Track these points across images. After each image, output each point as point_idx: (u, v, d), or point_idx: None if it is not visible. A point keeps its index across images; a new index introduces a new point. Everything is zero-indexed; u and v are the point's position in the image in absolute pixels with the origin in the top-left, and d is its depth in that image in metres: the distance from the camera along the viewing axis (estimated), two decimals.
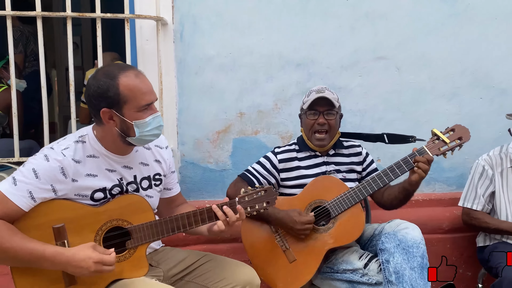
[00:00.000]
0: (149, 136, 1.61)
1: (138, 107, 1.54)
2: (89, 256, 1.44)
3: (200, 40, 2.56)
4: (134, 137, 1.57)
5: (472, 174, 2.42)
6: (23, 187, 1.46)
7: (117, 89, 1.51)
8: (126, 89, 1.52)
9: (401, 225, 1.92)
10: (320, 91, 2.09)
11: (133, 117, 1.55)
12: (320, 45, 2.63)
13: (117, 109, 1.53)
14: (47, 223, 1.50)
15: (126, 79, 1.52)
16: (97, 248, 1.48)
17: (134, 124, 1.55)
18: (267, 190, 1.74)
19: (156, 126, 1.60)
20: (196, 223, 1.68)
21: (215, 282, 1.75)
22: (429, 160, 1.91)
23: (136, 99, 1.53)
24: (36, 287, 1.50)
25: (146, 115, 1.56)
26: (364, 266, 1.92)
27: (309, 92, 2.13)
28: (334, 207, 2.00)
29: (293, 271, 1.96)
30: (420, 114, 2.73)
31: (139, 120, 1.55)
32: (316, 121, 2.08)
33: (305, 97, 2.15)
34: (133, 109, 1.54)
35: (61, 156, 1.53)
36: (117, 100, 1.52)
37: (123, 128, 1.56)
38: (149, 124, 1.57)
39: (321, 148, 2.14)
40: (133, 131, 1.56)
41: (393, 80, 2.70)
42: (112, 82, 1.51)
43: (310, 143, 2.13)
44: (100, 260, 1.45)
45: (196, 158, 2.65)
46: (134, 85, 1.53)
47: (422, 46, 2.69)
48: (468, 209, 2.40)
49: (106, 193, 1.62)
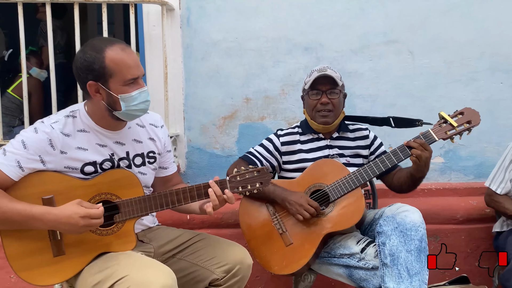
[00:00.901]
0: (135, 111, 1.61)
1: (124, 80, 1.55)
2: (75, 211, 1.47)
3: (206, 25, 2.57)
4: (121, 111, 1.58)
5: (504, 157, 2.31)
6: (11, 157, 1.50)
7: (102, 62, 1.52)
8: (111, 62, 1.53)
9: (401, 208, 1.84)
10: (322, 70, 2.04)
11: (119, 90, 1.55)
12: (328, 28, 2.58)
13: (103, 82, 1.55)
14: (36, 194, 1.53)
15: (112, 53, 1.53)
16: (83, 204, 1.51)
17: (120, 98, 1.56)
18: (260, 170, 1.71)
19: (143, 101, 1.60)
20: (185, 199, 1.67)
21: (206, 260, 1.74)
22: (422, 144, 1.83)
23: (121, 72, 1.54)
24: (25, 255, 1.53)
25: (132, 89, 1.57)
26: (361, 251, 1.86)
27: (311, 72, 2.09)
28: (334, 191, 1.94)
29: (288, 255, 1.91)
30: (434, 100, 2.63)
31: (125, 94, 1.56)
32: (319, 101, 2.03)
33: (306, 77, 2.10)
34: (119, 83, 1.55)
35: (49, 129, 1.55)
36: (103, 73, 1.53)
37: (109, 102, 1.58)
38: (135, 98, 1.58)
39: (326, 129, 2.08)
40: (119, 105, 1.57)
41: (406, 64, 2.62)
42: (98, 55, 1.53)
43: (314, 124, 2.08)
44: (87, 214, 1.47)
45: (202, 143, 2.65)
46: (120, 59, 1.54)
47: (436, 28, 2.58)
48: (491, 190, 2.31)
49: (97, 167, 1.63)
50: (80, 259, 1.58)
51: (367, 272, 1.83)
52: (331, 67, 2.10)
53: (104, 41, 1.58)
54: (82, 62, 1.54)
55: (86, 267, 1.58)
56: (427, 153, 1.82)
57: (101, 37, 1.67)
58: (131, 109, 1.59)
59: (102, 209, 1.52)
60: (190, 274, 1.74)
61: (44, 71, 3.39)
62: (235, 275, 1.72)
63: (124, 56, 1.55)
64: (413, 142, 1.85)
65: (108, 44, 1.55)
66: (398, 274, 1.72)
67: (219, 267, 1.72)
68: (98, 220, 1.50)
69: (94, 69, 1.53)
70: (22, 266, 1.53)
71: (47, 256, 1.54)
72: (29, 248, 1.53)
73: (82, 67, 1.54)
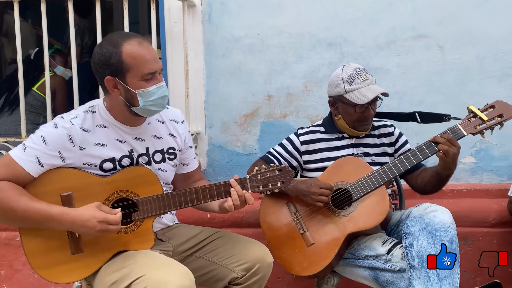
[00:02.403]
0: (153, 106, 1.58)
1: (141, 75, 1.52)
2: (94, 215, 1.45)
3: (228, 21, 2.54)
4: (138, 106, 1.55)
5: None
6: (31, 152, 1.49)
7: (120, 57, 1.50)
8: (128, 56, 1.51)
9: (429, 208, 1.76)
10: (370, 83, 1.92)
11: (137, 85, 1.53)
12: (354, 23, 2.51)
13: (120, 77, 1.52)
14: (55, 191, 1.52)
15: (129, 47, 1.51)
16: (102, 208, 1.49)
17: (137, 93, 1.53)
18: (282, 169, 1.66)
19: (161, 96, 1.57)
20: (204, 198, 1.63)
21: (225, 258, 1.71)
22: (449, 139, 1.73)
23: (139, 67, 1.51)
24: (43, 253, 1.53)
25: (150, 84, 1.54)
26: (387, 252, 1.78)
27: (352, 79, 1.91)
28: (356, 190, 1.87)
29: (310, 255, 1.86)
30: (466, 97, 2.50)
31: (143, 89, 1.53)
32: (364, 114, 1.94)
33: (345, 84, 1.93)
34: (136, 78, 1.52)
35: (69, 124, 1.54)
36: (120, 68, 1.51)
37: (127, 97, 1.55)
38: (153, 93, 1.55)
39: (353, 132, 2.00)
40: (137, 100, 1.54)
41: (435, 60, 2.52)
42: (115, 50, 1.50)
43: (340, 125, 2.00)
44: (105, 219, 1.46)
45: (223, 141, 2.63)
46: (137, 53, 1.51)
47: (468, 21, 2.48)
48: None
49: (116, 164, 1.61)
50: (98, 257, 1.56)
51: (394, 275, 1.75)
52: (366, 70, 1.97)
53: (121, 35, 1.55)
54: (99, 57, 1.52)
55: (103, 266, 1.56)
56: (454, 148, 1.73)
57: (119, 31, 1.65)
58: (149, 104, 1.56)
59: (120, 215, 1.49)
60: (209, 273, 1.71)
61: (68, 70, 3.41)
62: (255, 274, 1.68)
63: (141, 50, 1.52)
64: (439, 138, 1.76)
65: (125, 38, 1.53)
66: (427, 277, 1.64)
67: (239, 266, 1.68)
68: (115, 226, 1.48)
69: (111, 64, 1.51)
70: (40, 264, 1.52)
71: (65, 253, 1.53)
72: (47, 246, 1.52)
73: (99, 62, 1.53)
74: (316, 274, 1.85)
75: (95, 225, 1.45)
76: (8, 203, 1.44)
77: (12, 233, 2.43)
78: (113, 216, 1.48)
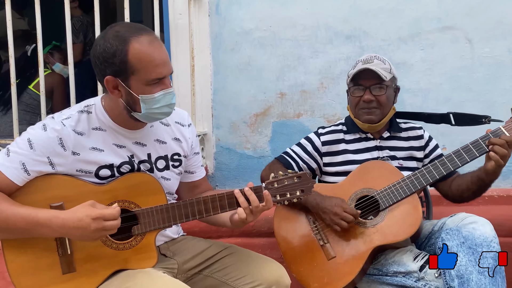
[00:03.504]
0: (157, 114, 1.42)
1: (148, 80, 1.35)
2: (86, 213, 1.28)
3: (237, 12, 2.45)
4: (140, 113, 1.39)
5: None
6: (15, 158, 1.33)
7: (125, 56, 1.32)
8: (135, 57, 1.33)
9: (467, 219, 1.61)
10: (368, 60, 1.81)
11: (141, 90, 1.36)
12: (374, 14, 2.41)
13: (123, 79, 1.35)
14: (44, 201, 1.36)
15: (137, 46, 1.33)
16: (96, 206, 1.32)
17: (140, 98, 1.36)
18: (302, 176, 1.48)
19: (167, 104, 1.40)
20: (214, 209, 1.46)
21: (237, 278, 1.54)
22: (508, 141, 1.59)
23: (146, 70, 1.34)
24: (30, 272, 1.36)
25: (156, 90, 1.37)
26: (420, 269, 1.62)
27: (356, 63, 1.86)
28: (385, 198, 1.71)
29: (331, 270, 1.70)
30: (497, 94, 2.39)
31: (147, 94, 1.36)
32: (362, 98, 1.80)
33: (351, 69, 1.88)
34: (141, 82, 1.35)
35: (59, 126, 1.37)
36: (124, 69, 1.34)
37: (128, 101, 1.39)
38: (158, 100, 1.38)
39: (373, 128, 1.85)
40: (139, 106, 1.38)
41: (463, 54, 2.41)
42: (121, 47, 1.32)
43: (359, 123, 1.85)
44: (100, 215, 1.28)
45: (232, 143, 2.53)
46: (146, 54, 1.33)
47: (499, 11, 2.35)
48: None
49: (114, 171, 1.45)
50: (93, 277, 1.39)
51: None
52: (380, 56, 1.85)
53: (130, 29, 1.36)
54: (101, 51, 1.34)
55: (99, 287, 1.39)
56: (508, 153, 1.59)
57: (128, 22, 1.44)
58: (152, 112, 1.40)
59: (118, 209, 1.32)
60: None
61: (66, 67, 3.29)
62: None
63: (150, 51, 1.34)
64: (497, 140, 1.61)
65: (134, 34, 1.34)
66: None
67: (252, 287, 1.52)
68: (113, 222, 1.30)
69: (114, 62, 1.33)
70: (27, 285, 1.35)
71: (55, 273, 1.36)
72: (35, 264, 1.36)
73: (100, 57, 1.35)
74: None
75: (89, 223, 1.27)
76: None
77: None
78: (110, 210, 1.30)
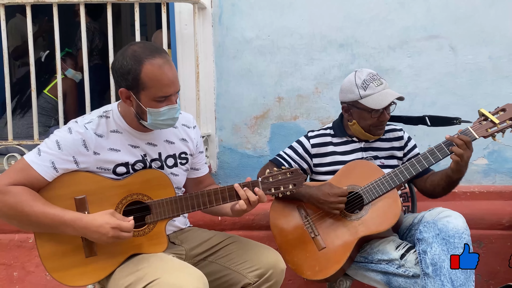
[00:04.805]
0: (161, 125, 1.60)
1: (155, 97, 1.53)
2: (107, 221, 1.46)
3: (238, 22, 2.53)
4: (147, 122, 1.57)
5: None
6: (46, 157, 1.50)
7: (138, 74, 1.50)
8: (146, 77, 1.50)
9: (442, 213, 1.74)
10: (384, 85, 1.90)
11: (149, 104, 1.53)
12: (366, 23, 2.49)
13: (135, 92, 1.53)
14: (69, 194, 1.53)
15: (150, 67, 1.50)
16: (115, 215, 1.50)
17: (148, 110, 1.54)
18: (294, 171, 1.65)
19: (170, 117, 1.58)
20: (216, 201, 1.63)
21: (238, 264, 1.70)
22: (466, 142, 1.72)
23: (154, 89, 1.51)
24: (57, 256, 1.54)
25: (162, 105, 1.54)
26: (401, 257, 1.76)
27: (366, 84, 1.90)
28: (368, 193, 1.86)
29: (321, 259, 1.85)
30: (479, 98, 2.48)
31: (154, 108, 1.54)
32: (379, 118, 1.92)
33: (360, 89, 1.91)
34: (149, 97, 1.53)
35: (83, 129, 1.55)
36: (136, 85, 1.52)
37: (138, 111, 1.57)
38: (162, 114, 1.55)
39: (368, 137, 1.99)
40: (147, 116, 1.55)
41: (448, 61, 2.49)
42: (135, 67, 1.50)
43: (354, 130, 1.99)
44: (118, 225, 1.46)
45: (233, 143, 2.61)
46: (156, 75, 1.50)
47: (482, 21, 2.45)
48: None
49: (129, 168, 1.62)
50: (112, 260, 1.57)
51: (407, 280, 1.74)
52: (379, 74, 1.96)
53: (146, 50, 1.52)
54: (119, 67, 1.53)
55: (117, 269, 1.57)
56: (469, 152, 1.73)
57: (145, 43, 1.59)
58: (157, 122, 1.58)
59: (132, 223, 1.50)
60: (222, 278, 1.71)
61: (79, 72, 3.43)
62: (268, 280, 1.67)
63: (160, 73, 1.51)
64: (457, 139, 1.74)
65: (148, 56, 1.50)
66: (441, 286, 1.62)
67: (252, 271, 1.68)
68: (127, 233, 1.49)
69: (128, 78, 1.52)
70: (55, 266, 1.54)
71: (79, 257, 1.54)
72: (61, 249, 1.53)
73: (118, 71, 1.54)
74: (327, 278, 1.84)
75: (108, 231, 1.46)
76: (22, 207, 1.45)
77: (24, 235, 2.45)
78: (126, 223, 1.48)
